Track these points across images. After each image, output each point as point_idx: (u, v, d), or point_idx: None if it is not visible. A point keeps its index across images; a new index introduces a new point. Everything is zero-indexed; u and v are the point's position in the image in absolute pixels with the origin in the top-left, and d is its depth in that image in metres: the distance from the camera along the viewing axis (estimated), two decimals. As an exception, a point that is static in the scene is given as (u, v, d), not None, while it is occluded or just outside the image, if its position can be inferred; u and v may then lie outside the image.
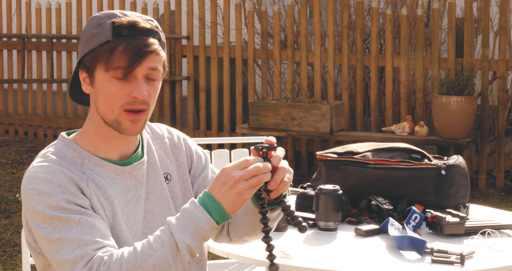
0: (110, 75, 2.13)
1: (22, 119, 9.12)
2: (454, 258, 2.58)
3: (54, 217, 2.07)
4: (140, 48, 2.12)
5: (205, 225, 1.98)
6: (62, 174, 2.11)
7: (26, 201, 2.12)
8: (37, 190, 2.09)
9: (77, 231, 2.06)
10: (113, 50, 2.11)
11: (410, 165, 3.08)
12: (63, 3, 9.92)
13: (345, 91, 7.72)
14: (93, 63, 2.15)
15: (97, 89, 2.16)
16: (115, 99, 2.14)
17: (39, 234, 2.09)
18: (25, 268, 2.79)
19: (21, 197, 2.17)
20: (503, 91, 7.28)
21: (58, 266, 2.07)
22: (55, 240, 2.06)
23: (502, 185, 7.26)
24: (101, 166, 2.19)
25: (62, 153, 2.18)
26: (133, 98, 2.13)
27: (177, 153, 2.36)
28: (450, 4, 7.35)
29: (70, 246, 2.05)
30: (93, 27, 2.16)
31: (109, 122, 2.17)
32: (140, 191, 2.23)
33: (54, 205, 2.07)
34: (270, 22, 8.21)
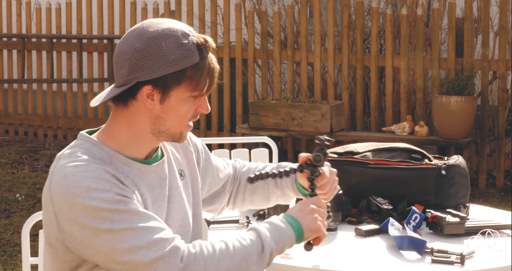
0: (192, 94, 2.22)
1: (22, 119, 9.12)
2: (454, 258, 2.58)
3: (112, 210, 2.11)
4: (216, 69, 2.25)
5: (287, 239, 2.21)
6: (105, 171, 2.15)
7: (70, 200, 2.12)
8: (85, 187, 2.11)
9: (138, 220, 2.12)
10: (202, 73, 2.21)
11: (410, 165, 3.08)
12: (63, 3, 9.92)
13: (345, 91, 7.72)
14: (173, 83, 2.20)
15: (169, 107, 2.23)
16: (186, 116, 2.25)
17: (97, 227, 2.11)
18: (25, 268, 2.79)
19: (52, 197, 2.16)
20: (503, 91, 7.28)
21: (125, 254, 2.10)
22: (119, 230, 2.11)
23: (502, 185, 7.26)
24: (127, 165, 2.24)
25: (91, 153, 2.21)
26: (198, 113, 2.27)
27: (185, 150, 2.45)
28: (450, 4, 7.35)
29: (138, 234, 2.11)
30: (176, 47, 2.19)
31: (171, 134, 2.26)
32: (164, 189, 2.31)
33: (109, 199, 2.11)
34: (270, 22, 8.21)
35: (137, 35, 2.20)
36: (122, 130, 2.26)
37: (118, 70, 2.22)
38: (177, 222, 2.34)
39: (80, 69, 8.77)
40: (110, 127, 2.28)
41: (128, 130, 2.26)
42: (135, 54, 2.19)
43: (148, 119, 2.24)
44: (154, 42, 2.19)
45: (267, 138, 4.27)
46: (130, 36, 2.22)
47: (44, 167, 7.85)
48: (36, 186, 7.14)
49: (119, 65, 2.22)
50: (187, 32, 2.22)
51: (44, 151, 8.43)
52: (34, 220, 2.78)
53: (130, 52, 2.19)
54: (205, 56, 2.21)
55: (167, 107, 2.22)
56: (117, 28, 9.45)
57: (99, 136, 2.28)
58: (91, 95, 8.89)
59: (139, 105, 2.23)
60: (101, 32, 8.88)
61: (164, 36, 2.19)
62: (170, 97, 2.21)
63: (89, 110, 8.91)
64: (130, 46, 2.20)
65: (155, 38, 2.19)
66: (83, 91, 8.97)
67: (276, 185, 2.58)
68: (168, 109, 2.23)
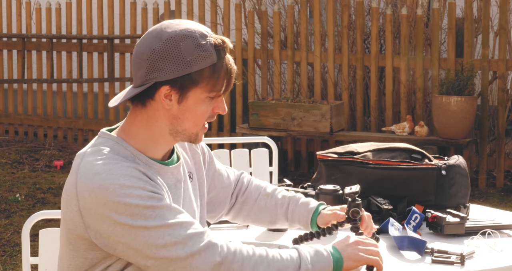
0: (210, 95, 2.24)
1: (22, 119, 9.12)
2: (454, 258, 2.57)
3: (147, 206, 2.13)
4: (233, 70, 2.27)
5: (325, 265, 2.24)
6: (136, 169, 2.18)
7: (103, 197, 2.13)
8: (119, 184, 2.13)
9: (172, 216, 2.15)
10: (220, 74, 2.23)
11: (410, 165, 3.08)
12: (63, 3, 9.92)
13: (345, 91, 7.72)
14: (191, 84, 2.22)
15: (187, 107, 2.25)
16: (203, 116, 2.27)
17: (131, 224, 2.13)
18: (25, 268, 2.79)
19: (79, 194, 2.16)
20: (503, 91, 7.28)
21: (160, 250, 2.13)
22: (154, 227, 2.13)
23: (502, 185, 7.27)
24: (148, 165, 2.26)
25: (116, 151, 2.23)
26: (215, 113, 2.29)
27: (193, 152, 2.49)
28: (450, 4, 7.35)
29: (173, 230, 2.14)
30: (194, 47, 2.21)
31: (188, 135, 2.29)
32: (179, 190, 2.34)
33: (144, 195, 2.14)
34: (270, 22, 8.21)
35: (155, 36, 2.22)
36: (141, 130, 2.28)
37: (136, 70, 2.24)
38: None
39: (80, 69, 8.77)
40: (129, 127, 2.29)
41: (147, 131, 2.27)
42: (153, 55, 2.21)
43: (166, 119, 2.26)
44: (172, 43, 2.20)
45: (267, 138, 4.27)
46: (148, 37, 2.24)
47: (44, 167, 7.84)
48: (36, 186, 7.14)
49: (138, 66, 2.24)
50: (205, 33, 2.23)
51: (44, 151, 8.43)
52: (34, 220, 2.78)
53: (148, 52, 2.21)
54: (223, 56, 2.24)
55: (185, 107, 2.24)
56: (117, 28, 9.45)
57: (120, 135, 2.29)
58: (91, 95, 8.89)
59: (157, 105, 2.25)
60: (101, 32, 8.88)
61: (182, 37, 2.21)
62: (187, 97, 2.23)
63: (89, 110, 8.91)
64: (148, 46, 2.22)
65: (173, 39, 2.20)
66: (83, 91, 8.98)
67: (286, 217, 2.64)
68: (186, 109, 2.25)
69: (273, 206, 2.65)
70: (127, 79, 8.68)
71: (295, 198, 2.65)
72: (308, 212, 2.59)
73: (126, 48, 8.79)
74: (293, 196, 2.66)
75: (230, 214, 2.70)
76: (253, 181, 2.72)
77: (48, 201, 6.68)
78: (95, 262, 2.23)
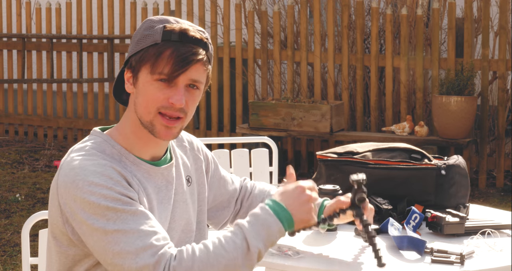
0: (154, 78, 2.18)
1: (22, 119, 9.12)
2: (454, 258, 2.58)
3: (109, 208, 2.09)
4: (187, 56, 2.16)
5: (276, 233, 2.13)
6: (111, 168, 2.15)
7: (73, 192, 2.12)
8: (88, 181, 2.11)
9: (133, 222, 2.09)
10: (160, 54, 2.16)
11: (410, 165, 3.08)
12: (63, 3, 9.92)
13: (345, 91, 7.72)
14: (138, 64, 2.20)
15: (139, 90, 2.21)
16: (153, 101, 2.19)
17: (92, 225, 2.10)
18: (25, 268, 2.79)
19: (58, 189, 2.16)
20: (503, 91, 7.28)
21: (115, 257, 2.08)
22: (112, 231, 2.08)
23: (502, 185, 7.27)
24: (136, 165, 2.24)
25: (102, 149, 2.22)
26: (170, 104, 2.19)
27: (195, 157, 2.46)
28: (450, 4, 7.35)
29: (130, 237, 2.08)
30: (145, 29, 2.21)
31: (145, 124, 2.21)
32: (170, 192, 2.30)
33: (109, 196, 2.10)
34: (270, 22, 8.21)
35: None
36: (125, 124, 2.27)
37: None
38: (180, 227, 2.34)
39: (80, 69, 8.77)
40: (121, 124, 2.29)
41: (129, 125, 2.26)
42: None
43: (133, 106, 2.24)
44: (138, 29, 2.25)
45: (267, 138, 4.27)
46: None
47: (44, 167, 7.84)
48: (36, 186, 7.14)
49: None
50: (169, 20, 2.21)
51: (44, 151, 8.43)
52: (34, 220, 2.78)
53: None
54: (172, 39, 2.17)
55: (138, 90, 2.22)
56: (117, 28, 9.45)
57: (111, 133, 2.28)
58: (91, 95, 8.89)
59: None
60: (101, 32, 8.88)
61: (145, 21, 2.24)
62: (138, 78, 2.21)
63: (89, 110, 8.91)
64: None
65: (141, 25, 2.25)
66: (83, 91, 8.98)
67: None
68: (138, 92, 2.22)
69: None
70: (127, 79, 8.67)
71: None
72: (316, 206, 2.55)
73: (126, 48, 8.79)
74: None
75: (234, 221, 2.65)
76: (257, 185, 2.69)
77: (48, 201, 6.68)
78: (78, 259, 2.21)
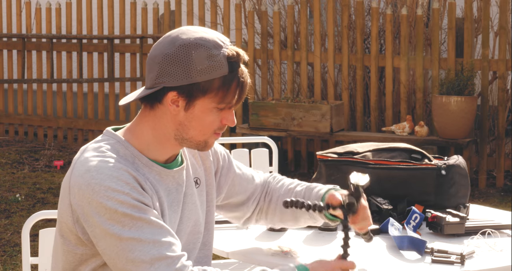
0: (218, 107, 2.22)
1: (22, 119, 9.12)
2: (454, 258, 2.57)
3: (126, 214, 2.11)
4: (246, 84, 2.25)
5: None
6: (127, 172, 2.16)
7: (89, 195, 2.13)
8: (105, 186, 2.12)
9: (149, 231, 2.12)
10: (230, 87, 2.21)
11: (410, 165, 3.08)
12: (63, 3, 9.91)
13: (345, 91, 7.72)
14: (200, 93, 2.21)
15: (193, 115, 2.23)
16: (211, 126, 2.25)
17: (107, 230, 2.11)
18: (25, 268, 2.79)
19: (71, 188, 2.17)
20: (503, 91, 7.28)
21: (128, 264, 2.11)
22: (127, 239, 2.10)
23: (502, 185, 7.26)
24: (148, 167, 2.25)
25: (116, 150, 2.23)
26: (224, 125, 2.27)
27: (204, 158, 2.47)
28: (450, 4, 7.35)
29: (145, 246, 2.10)
30: (203, 58, 2.19)
31: (194, 142, 2.27)
32: (180, 195, 2.32)
33: (126, 202, 2.12)
34: (270, 22, 8.21)
35: (170, 41, 2.22)
36: (147, 132, 2.27)
37: (148, 72, 2.25)
38: (188, 229, 2.36)
39: (80, 69, 8.77)
40: (136, 126, 2.29)
41: (153, 133, 2.27)
42: (165, 60, 2.21)
43: (172, 124, 2.25)
44: (185, 50, 2.20)
45: (267, 138, 4.27)
46: (164, 41, 2.25)
47: (44, 167, 7.84)
48: (36, 186, 7.14)
49: (150, 68, 2.24)
50: (220, 44, 2.22)
51: (44, 151, 8.43)
52: (34, 220, 2.78)
53: (160, 56, 2.22)
54: (235, 69, 2.22)
55: (191, 115, 2.24)
56: (117, 28, 9.44)
57: (125, 134, 2.29)
58: (91, 95, 8.89)
59: (165, 109, 2.25)
60: (101, 32, 8.88)
61: (195, 45, 2.20)
62: (195, 106, 2.22)
63: (89, 110, 8.91)
64: (161, 50, 2.22)
65: (186, 46, 2.20)
66: (83, 91, 8.97)
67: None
68: (192, 117, 2.24)
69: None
70: (127, 79, 8.68)
71: (310, 186, 2.59)
72: (318, 197, 2.54)
73: (126, 48, 8.79)
74: (309, 185, 2.60)
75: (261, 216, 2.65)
76: (280, 180, 2.68)
77: (48, 201, 6.68)
78: (84, 259, 2.22)
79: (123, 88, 8.78)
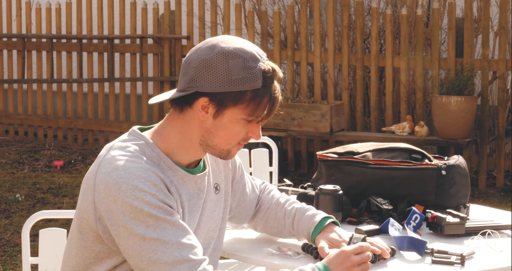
0: (248, 119, 2.24)
1: (22, 119, 9.12)
2: (455, 259, 2.57)
3: (151, 215, 2.12)
4: (278, 100, 2.27)
5: None
6: (154, 174, 2.18)
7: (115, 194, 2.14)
8: (133, 185, 2.13)
9: (173, 233, 2.13)
10: (262, 101, 2.22)
11: (410, 165, 3.08)
12: (63, 3, 9.92)
13: (345, 91, 7.72)
14: (230, 102, 2.22)
15: (221, 123, 2.25)
16: (236, 137, 2.27)
17: (131, 229, 2.12)
18: (25, 268, 2.79)
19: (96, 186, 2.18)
20: (503, 91, 7.28)
21: (150, 265, 2.12)
22: (150, 239, 2.11)
23: (502, 185, 7.27)
24: (172, 170, 2.26)
25: (143, 151, 2.24)
26: (249, 137, 2.29)
27: (225, 165, 2.50)
28: (450, 4, 7.35)
29: (168, 247, 2.11)
30: (240, 68, 2.21)
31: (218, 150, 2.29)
32: (200, 200, 2.34)
33: (152, 203, 2.13)
34: (270, 22, 8.21)
35: (209, 47, 2.24)
36: (174, 135, 2.29)
37: (182, 75, 2.27)
38: (203, 234, 2.38)
39: (80, 69, 8.77)
40: (164, 129, 2.31)
41: (179, 136, 2.28)
42: (201, 65, 2.22)
43: (199, 130, 2.27)
44: (222, 58, 2.22)
45: (267, 138, 4.27)
46: (202, 46, 2.26)
47: (44, 167, 7.84)
48: (36, 186, 7.14)
49: (185, 71, 2.26)
50: (257, 57, 2.25)
51: (44, 151, 8.43)
52: (34, 220, 2.78)
53: (197, 61, 2.23)
54: (269, 84, 2.24)
55: (219, 123, 2.25)
56: (117, 28, 9.45)
57: (152, 136, 2.30)
58: (91, 95, 8.89)
59: (194, 114, 2.26)
60: (101, 32, 8.88)
61: (233, 54, 2.22)
62: (224, 114, 2.24)
63: (89, 110, 8.91)
64: (199, 55, 2.24)
65: (224, 54, 2.22)
66: (83, 91, 8.97)
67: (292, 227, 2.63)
68: (220, 126, 2.25)
69: (282, 215, 2.65)
70: (127, 79, 8.68)
71: (302, 209, 2.63)
72: (311, 224, 2.57)
73: (126, 48, 8.79)
74: (301, 207, 2.64)
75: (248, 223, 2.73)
76: (271, 191, 2.73)
77: (48, 201, 6.68)
78: (101, 257, 2.23)
79: (123, 88, 8.78)
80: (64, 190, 7.02)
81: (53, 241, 2.77)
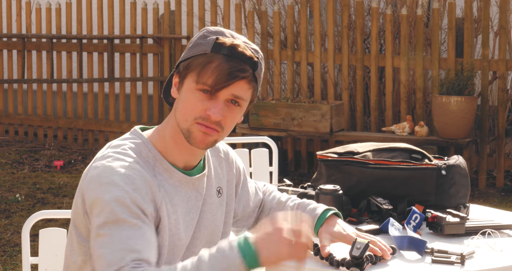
0: (197, 87, 2.17)
1: (22, 119, 9.12)
2: (455, 258, 2.57)
3: (113, 212, 2.07)
4: (232, 71, 2.14)
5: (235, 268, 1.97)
6: (140, 174, 2.14)
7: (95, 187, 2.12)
8: (111, 179, 2.11)
9: (126, 234, 2.06)
10: (207, 65, 2.16)
11: (410, 165, 3.08)
12: (63, 3, 9.92)
13: (345, 91, 7.72)
14: (185, 71, 2.21)
15: (181, 96, 2.21)
16: (192, 110, 2.17)
17: (94, 222, 2.09)
18: (25, 268, 2.79)
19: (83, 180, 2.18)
20: (503, 91, 7.28)
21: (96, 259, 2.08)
22: (103, 234, 2.07)
23: (502, 185, 7.27)
24: (169, 172, 2.23)
25: (139, 151, 2.21)
26: (207, 115, 2.17)
27: (228, 169, 2.46)
28: (450, 4, 7.35)
29: (114, 245, 2.05)
30: (199, 37, 2.22)
31: (182, 130, 2.20)
32: (199, 202, 2.30)
33: (121, 199, 2.08)
34: (270, 22, 8.21)
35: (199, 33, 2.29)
36: (168, 131, 2.26)
37: None
38: (204, 237, 2.34)
39: (80, 69, 8.77)
40: (161, 127, 2.29)
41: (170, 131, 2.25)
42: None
43: (173, 110, 2.25)
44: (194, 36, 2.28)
45: (267, 138, 4.27)
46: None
47: (44, 167, 7.84)
48: (36, 186, 7.14)
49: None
50: (225, 33, 2.22)
51: (44, 151, 8.43)
52: (34, 220, 2.78)
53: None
54: (220, 52, 2.16)
55: (180, 96, 2.22)
56: (117, 28, 9.45)
57: (152, 136, 2.28)
58: (91, 95, 8.89)
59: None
60: (101, 32, 8.88)
61: (202, 30, 2.25)
62: (183, 85, 2.21)
63: (89, 110, 8.91)
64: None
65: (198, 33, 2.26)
66: (83, 91, 8.98)
67: None
68: (180, 98, 2.22)
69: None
70: (127, 79, 8.68)
71: (304, 203, 2.60)
72: (313, 217, 2.54)
73: (126, 48, 8.79)
74: (302, 202, 2.61)
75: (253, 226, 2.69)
76: (271, 192, 2.70)
77: (48, 201, 6.68)
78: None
79: (123, 88, 8.78)
80: (64, 190, 7.02)
81: (53, 241, 2.77)
